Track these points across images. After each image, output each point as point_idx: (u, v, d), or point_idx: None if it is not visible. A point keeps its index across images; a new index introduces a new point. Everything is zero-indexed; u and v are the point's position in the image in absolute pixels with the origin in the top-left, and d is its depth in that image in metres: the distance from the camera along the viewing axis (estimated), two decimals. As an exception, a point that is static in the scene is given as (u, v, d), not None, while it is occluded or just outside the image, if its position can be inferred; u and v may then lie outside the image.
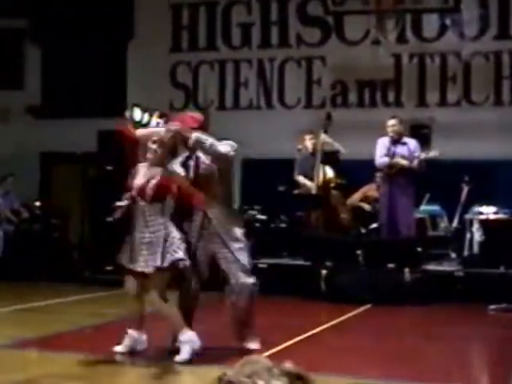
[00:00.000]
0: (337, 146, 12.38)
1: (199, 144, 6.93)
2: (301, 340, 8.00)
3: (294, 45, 15.05)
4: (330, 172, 12.41)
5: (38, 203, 14.69)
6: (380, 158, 11.60)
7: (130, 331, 7.13)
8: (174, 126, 7.05)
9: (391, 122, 11.71)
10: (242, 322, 7.17)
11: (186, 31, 15.63)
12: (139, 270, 6.81)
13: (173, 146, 7.10)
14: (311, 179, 12.32)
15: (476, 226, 11.37)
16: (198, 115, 7.39)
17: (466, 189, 12.36)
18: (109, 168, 13.53)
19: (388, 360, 7.27)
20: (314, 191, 12.26)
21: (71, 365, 6.69)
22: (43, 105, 16.03)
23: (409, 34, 14.47)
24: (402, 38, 14.45)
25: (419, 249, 11.65)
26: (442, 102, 14.22)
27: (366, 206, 12.67)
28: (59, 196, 15.40)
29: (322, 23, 14.90)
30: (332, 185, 12.44)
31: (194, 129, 7.06)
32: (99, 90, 15.60)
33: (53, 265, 13.52)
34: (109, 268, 13.12)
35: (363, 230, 12.56)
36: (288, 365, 1.43)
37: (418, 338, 8.57)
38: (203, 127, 7.25)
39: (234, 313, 7.13)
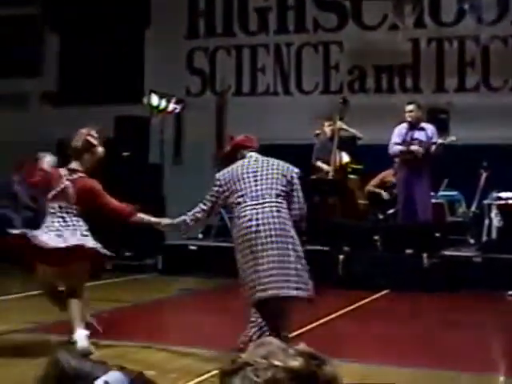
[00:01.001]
0: (354, 131, 12.35)
1: None
2: (317, 325, 7.99)
3: (311, 30, 14.99)
4: (346, 157, 12.38)
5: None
6: (393, 146, 11.57)
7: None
8: None
9: (409, 107, 11.66)
10: None
11: (203, 17, 15.60)
12: None
13: None
14: (329, 165, 12.29)
15: (494, 211, 11.30)
16: (252, 137, 6.88)
17: (484, 174, 12.29)
18: (126, 154, 13.54)
19: (405, 346, 7.25)
20: (331, 176, 12.23)
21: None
22: (60, 91, 16.06)
23: (427, 18, 14.38)
24: (419, 23, 14.35)
25: (437, 234, 11.60)
26: (461, 87, 14.13)
27: (384, 194, 12.64)
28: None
29: (339, 8, 14.83)
30: (349, 170, 12.41)
31: (252, 147, 6.76)
32: (116, 76, 15.62)
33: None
34: (127, 254, 13.19)
35: (381, 216, 12.53)
36: (302, 346, 1.42)
37: (435, 324, 8.55)
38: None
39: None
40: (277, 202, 6.20)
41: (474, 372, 6.32)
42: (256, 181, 6.26)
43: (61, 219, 6.73)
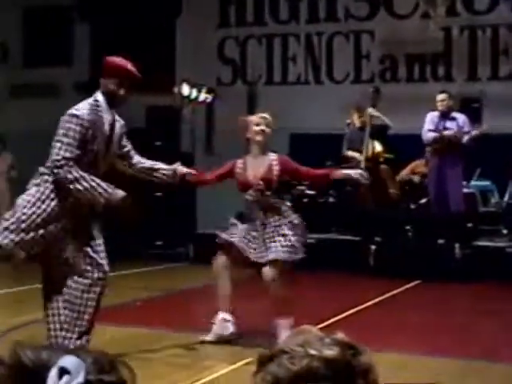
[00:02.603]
0: (385, 120, 12.30)
1: None
2: (349, 315, 7.99)
3: (342, 19, 14.92)
4: (378, 146, 12.35)
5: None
6: (426, 133, 11.52)
7: (222, 315, 6.83)
8: None
9: (440, 96, 11.61)
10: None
11: (234, 6, 15.58)
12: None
13: None
14: (360, 154, 12.27)
15: (528, 201, 11.23)
16: None
17: (517, 164, 12.20)
18: (157, 143, 13.59)
19: (437, 336, 7.23)
20: (362, 165, 12.20)
21: (121, 337, 6.77)
22: (91, 81, 16.11)
23: (459, 6, 14.25)
24: (452, 11, 14.24)
25: (469, 224, 11.54)
26: (494, 76, 14.01)
27: (416, 178, 12.55)
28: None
29: (371, -3, 14.75)
30: (381, 159, 12.38)
31: None
32: (147, 65, 15.61)
33: (105, 239, 13.63)
34: (158, 243, 13.26)
35: (412, 206, 12.47)
36: (339, 335, 1.42)
37: (467, 315, 8.52)
38: None
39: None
40: None
41: (509, 361, 6.30)
42: None
43: None
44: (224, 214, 13.88)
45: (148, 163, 6.18)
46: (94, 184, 5.38)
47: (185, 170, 6.51)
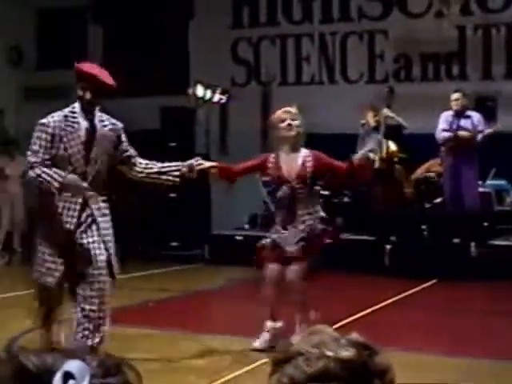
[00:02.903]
0: (400, 120, 12.28)
1: None
2: (365, 315, 7.97)
3: (356, 18, 14.89)
4: (393, 146, 12.31)
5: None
6: (440, 133, 11.49)
7: (270, 324, 6.71)
8: None
9: (455, 95, 11.57)
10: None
11: (247, 7, 15.58)
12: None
13: None
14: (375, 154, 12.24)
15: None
16: None
17: (533, 163, 12.14)
18: (172, 144, 13.61)
19: (454, 336, 7.21)
20: (377, 165, 12.17)
21: (134, 338, 6.78)
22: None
23: (473, 5, 14.20)
24: (466, 10, 14.19)
25: (485, 224, 11.49)
26: (508, 74, 13.94)
27: (432, 175, 12.48)
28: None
29: (384, -4, 14.72)
30: (395, 159, 12.34)
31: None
32: (161, 67, 15.68)
33: (118, 241, 13.65)
34: (173, 244, 13.27)
35: (427, 205, 12.43)
36: (354, 335, 1.40)
37: (484, 314, 8.48)
38: None
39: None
40: None
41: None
42: None
43: None
44: (238, 216, 13.96)
45: (156, 167, 6.12)
46: (49, 174, 5.67)
47: (207, 163, 6.48)
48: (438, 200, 12.13)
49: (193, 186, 7.43)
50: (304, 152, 6.84)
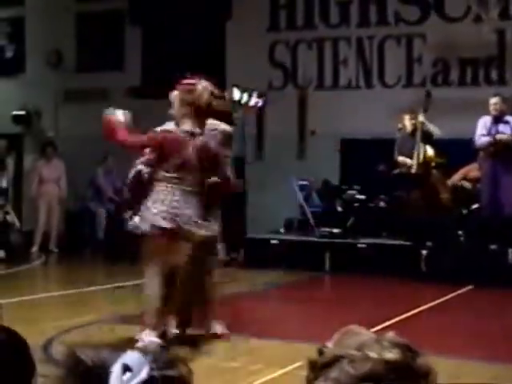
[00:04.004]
0: (430, 127, 12.15)
1: None
2: (400, 320, 7.92)
3: (393, 22, 14.83)
4: (430, 151, 12.22)
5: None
6: (480, 138, 11.40)
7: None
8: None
9: (493, 100, 11.48)
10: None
11: (284, 10, 15.57)
12: None
13: None
14: (411, 159, 12.17)
15: None
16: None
17: None
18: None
19: (491, 342, 7.14)
20: (414, 170, 12.11)
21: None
22: (143, 85, 16.23)
23: (512, 9, 14.09)
24: (505, 14, 14.07)
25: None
26: (548, 79, 13.81)
27: (467, 184, 12.42)
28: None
29: (421, 0, 14.63)
30: (432, 164, 12.26)
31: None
32: (198, 69, 15.67)
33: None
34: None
35: (464, 211, 12.34)
36: (392, 335, 1.39)
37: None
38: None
39: None
40: None
41: None
42: None
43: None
44: (274, 220, 13.94)
45: None
46: None
47: None
48: (476, 205, 12.03)
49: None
50: None
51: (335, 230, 12.61)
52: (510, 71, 13.97)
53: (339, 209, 13.32)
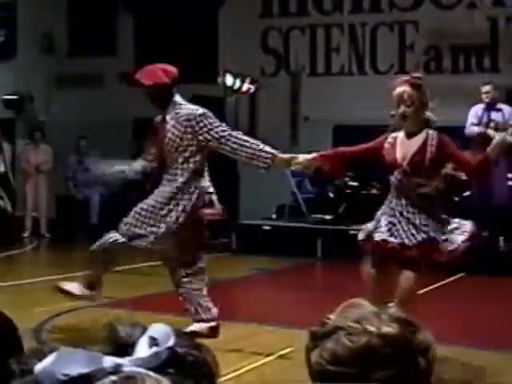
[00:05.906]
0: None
1: None
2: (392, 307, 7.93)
3: (386, 9, 14.80)
4: (422, 138, 12.21)
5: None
6: (470, 127, 11.40)
7: None
8: None
9: (486, 87, 11.48)
10: None
11: (277, -4, 15.53)
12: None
13: None
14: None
15: None
16: (171, 68, 6.55)
17: None
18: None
19: (480, 328, 7.16)
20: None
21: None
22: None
23: (505, -4, 14.09)
24: (498, 1, 14.06)
25: (514, 217, 11.40)
26: (541, 67, 13.82)
27: (460, 173, 12.40)
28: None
29: (415, -13, 14.61)
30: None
31: (167, 84, 6.44)
32: (191, 56, 15.67)
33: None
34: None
35: (456, 198, 12.34)
36: (394, 310, 1.39)
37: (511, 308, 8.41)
38: (176, 83, 6.56)
39: None
40: None
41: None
42: None
43: None
44: (266, 206, 13.94)
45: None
46: None
47: (305, 157, 6.24)
48: (467, 193, 12.04)
49: (220, 176, 7.41)
50: (428, 134, 6.06)
51: (327, 217, 12.63)
52: (503, 59, 13.96)
53: (331, 195, 13.32)
